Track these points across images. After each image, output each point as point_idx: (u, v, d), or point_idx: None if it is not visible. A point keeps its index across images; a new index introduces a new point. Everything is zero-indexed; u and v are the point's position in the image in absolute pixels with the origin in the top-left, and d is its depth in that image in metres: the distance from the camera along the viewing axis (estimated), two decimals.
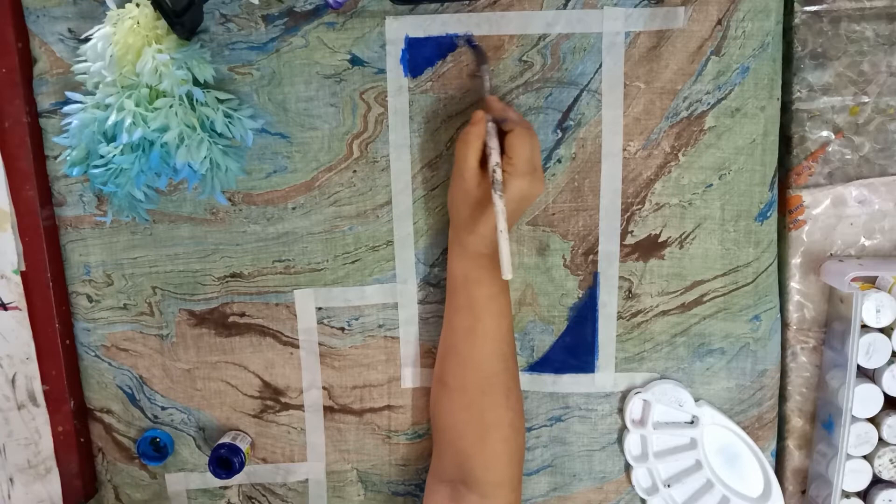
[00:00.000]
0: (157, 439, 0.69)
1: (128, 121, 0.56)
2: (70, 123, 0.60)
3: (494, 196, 0.54)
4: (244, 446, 0.67)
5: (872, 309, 0.61)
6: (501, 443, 0.60)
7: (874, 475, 0.64)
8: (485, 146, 0.57)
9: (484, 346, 0.59)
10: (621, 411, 0.67)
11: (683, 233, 0.64)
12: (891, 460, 0.64)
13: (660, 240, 0.64)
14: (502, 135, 0.57)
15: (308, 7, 0.61)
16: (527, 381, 0.67)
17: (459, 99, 0.63)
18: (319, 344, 0.67)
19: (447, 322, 0.62)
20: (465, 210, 0.58)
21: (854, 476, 0.64)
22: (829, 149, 0.63)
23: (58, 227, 0.66)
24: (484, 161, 0.57)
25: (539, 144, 0.58)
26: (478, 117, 0.57)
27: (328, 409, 0.69)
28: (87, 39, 0.59)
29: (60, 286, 0.66)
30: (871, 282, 0.63)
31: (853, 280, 0.60)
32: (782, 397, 0.67)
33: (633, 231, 0.64)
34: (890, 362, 0.62)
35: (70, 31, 0.62)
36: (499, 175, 0.55)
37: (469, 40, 0.61)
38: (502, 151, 0.56)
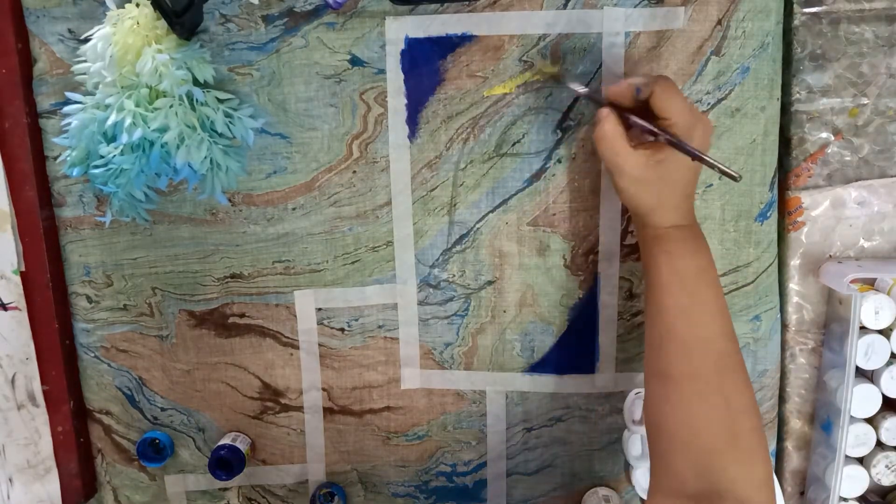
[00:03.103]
0: (157, 441, 0.69)
1: (128, 121, 0.56)
2: (70, 124, 0.59)
3: (667, 141, 0.51)
4: (244, 448, 0.67)
5: (871, 310, 0.61)
6: (754, 433, 0.50)
7: (871, 482, 0.64)
8: (628, 129, 0.54)
9: (709, 323, 0.53)
10: (621, 411, 0.67)
11: None
12: (887, 466, 0.64)
13: None
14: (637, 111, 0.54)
15: (308, 7, 0.61)
16: (527, 381, 0.67)
17: (459, 99, 0.63)
18: (319, 345, 0.67)
19: (655, 308, 0.55)
20: (644, 195, 0.54)
21: (851, 482, 0.64)
22: (829, 150, 0.63)
23: (57, 227, 0.66)
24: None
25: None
26: (603, 113, 0.54)
27: (328, 411, 0.69)
28: (87, 40, 0.59)
29: (60, 287, 0.66)
30: (870, 283, 0.63)
31: (852, 282, 0.61)
32: (781, 399, 0.67)
33: (633, 231, 0.64)
34: (889, 363, 0.62)
35: (70, 31, 0.62)
36: (669, 135, 0.52)
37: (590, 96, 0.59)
38: (653, 118, 0.53)
